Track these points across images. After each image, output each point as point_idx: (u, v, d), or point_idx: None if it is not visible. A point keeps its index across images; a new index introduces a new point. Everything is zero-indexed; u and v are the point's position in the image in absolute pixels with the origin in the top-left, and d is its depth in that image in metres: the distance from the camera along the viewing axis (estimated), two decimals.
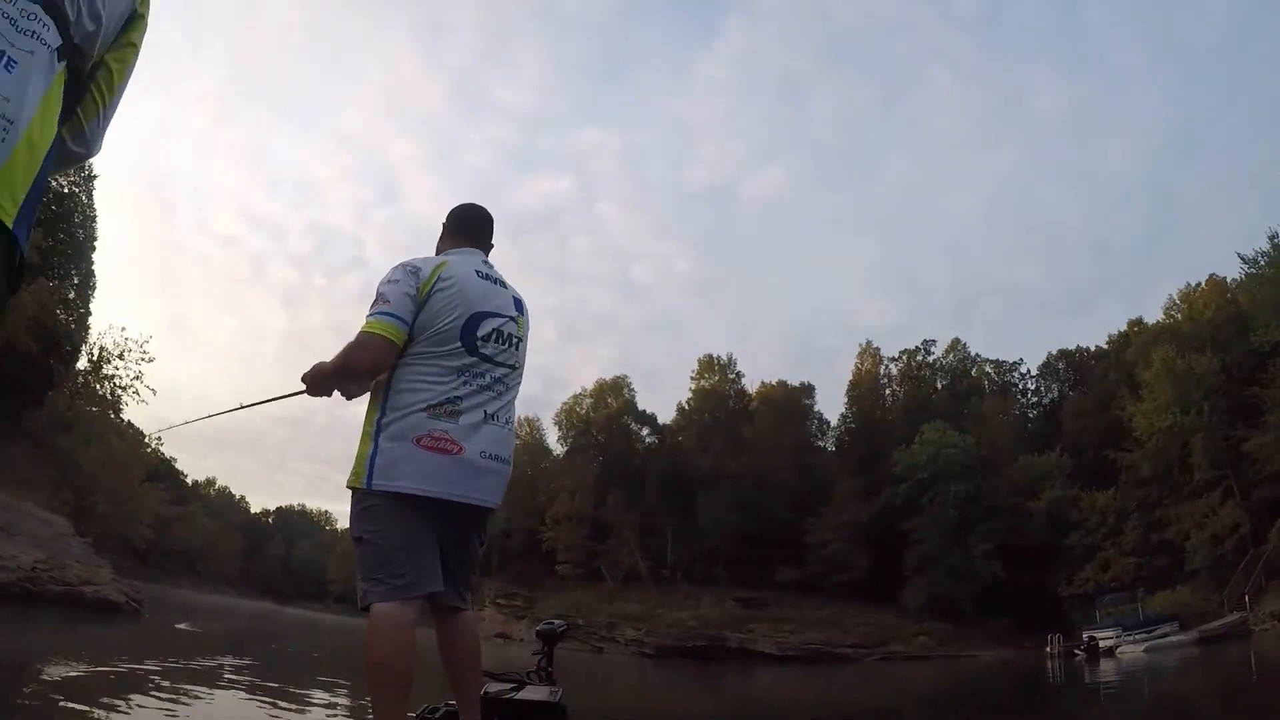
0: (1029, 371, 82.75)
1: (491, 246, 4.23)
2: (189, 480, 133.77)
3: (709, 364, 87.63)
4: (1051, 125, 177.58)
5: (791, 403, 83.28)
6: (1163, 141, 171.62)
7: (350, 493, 3.63)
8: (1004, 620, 58.67)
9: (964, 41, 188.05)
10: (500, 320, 3.85)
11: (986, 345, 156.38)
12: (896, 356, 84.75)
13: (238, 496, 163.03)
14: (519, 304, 4.03)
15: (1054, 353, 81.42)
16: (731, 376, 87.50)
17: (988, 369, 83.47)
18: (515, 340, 3.93)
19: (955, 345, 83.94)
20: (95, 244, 58.16)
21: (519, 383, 4.00)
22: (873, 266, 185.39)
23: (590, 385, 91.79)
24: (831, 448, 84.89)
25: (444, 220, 4.25)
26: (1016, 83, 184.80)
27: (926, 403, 76.18)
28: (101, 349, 76.45)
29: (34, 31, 1.82)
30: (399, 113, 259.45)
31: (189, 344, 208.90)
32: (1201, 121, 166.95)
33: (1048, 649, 49.17)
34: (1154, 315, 68.35)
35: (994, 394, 79.59)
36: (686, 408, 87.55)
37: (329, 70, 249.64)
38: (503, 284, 4.00)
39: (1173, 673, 29.12)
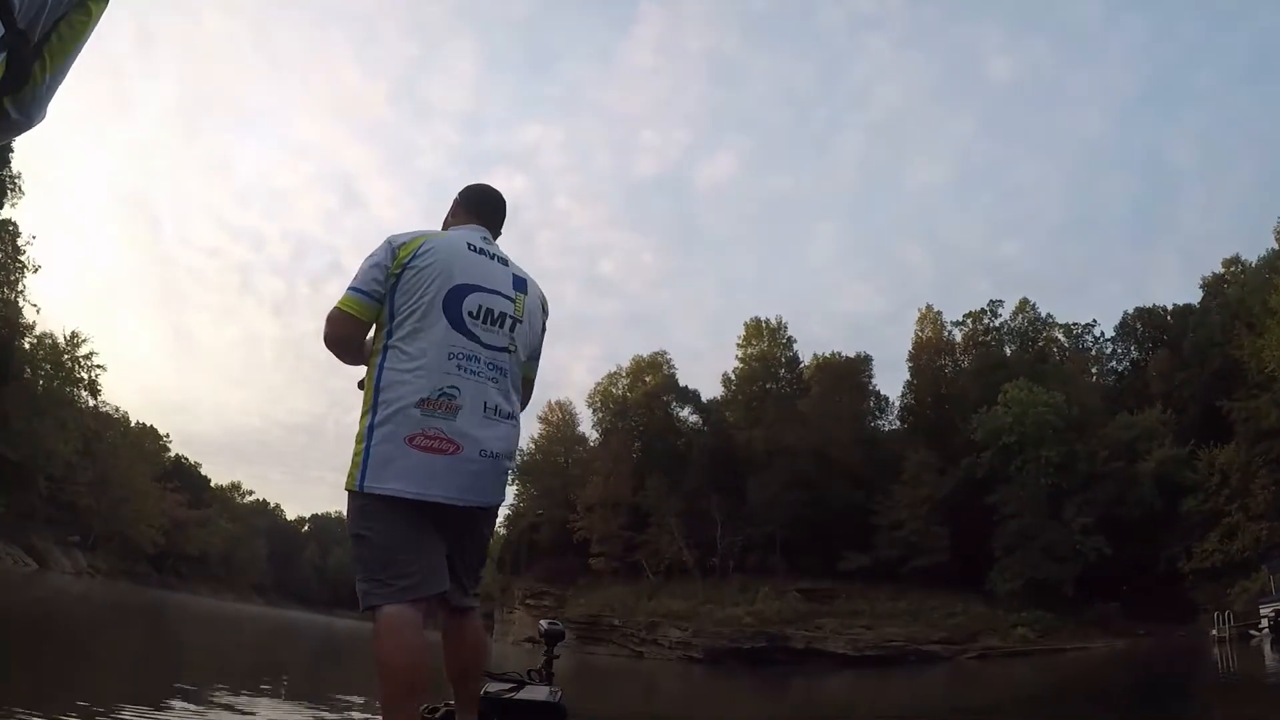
0: (1103, 334, 77.39)
1: (499, 232, 4.08)
2: (214, 484, 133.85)
3: (757, 328, 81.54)
4: (1010, 89, 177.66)
5: (849, 374, 77.41)
6: (1137, 99, 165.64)
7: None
8: (1112, 604, 51.96)
9: (895, 4, 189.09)
10: (490, 296, 3.61)
11: None
12: (960, 320, 78.32)
13: (272, 504, 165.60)
14: (520, 283, 3.78)
15: (1130, 312, 76.16)
16: (783, 341, 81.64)
17: (1058, 334, 77.89)
18: (509, 319, 3.64)
19: (1024, 306, 77.34)
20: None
21: (518, 368, 3.71)
22: (846, 250, 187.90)
23: (626, 364, 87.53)
24: (891, 425, 79.88)
25: (456, 196, 4.11)
26: (963, 46, 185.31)
27: (1001, 363, 69.24)
28: (74, 333, 73.19)
29: None
30: (347, 120, 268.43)
31: (195, 355, 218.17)
32: (1177, 75, 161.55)
33: (1213, 631, 41.44)
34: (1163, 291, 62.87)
35: (1067, 359, 74.14)
36: (733, 377, 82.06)
37: (278, 82, 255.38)
38: (502, 261, 3.78)
39: None
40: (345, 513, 3.54)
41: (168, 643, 21.98)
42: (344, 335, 3.56)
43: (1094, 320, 78.03)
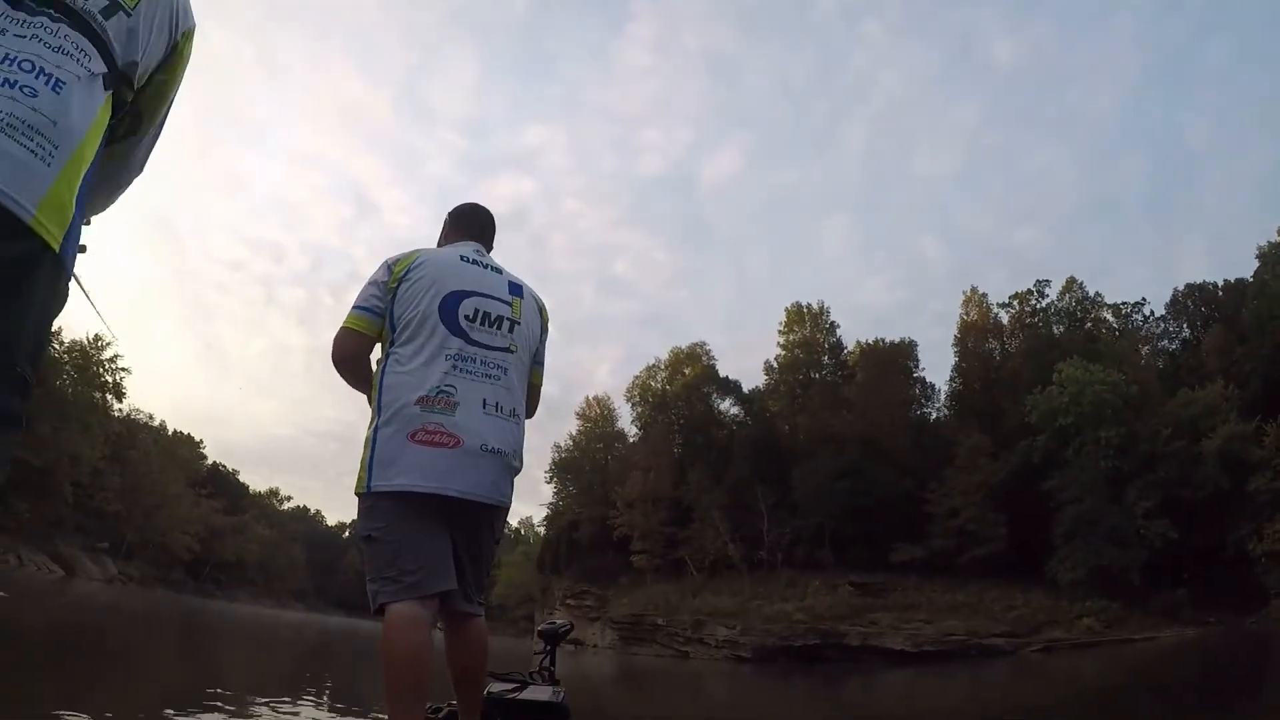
0: (1153, 313, 74.82)
1: (491, 246, 4.16)
2: (251, 489, 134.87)
3: (798, 314, 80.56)
4: (1014, 73, 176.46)
5: (894, 360, 75.94)
6: (1146, 79, 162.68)
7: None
8: (1180, 592, 49.38)
9: None
10: (486, 300, 3.74)
11: None
12: (1006, 302, 76.27)
13: (312, 510, 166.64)
14: (516, 288, 3.91)
15: (1181, 289, 73.87)
16: (825, 327, 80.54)
17: (1105, 313, 75.41)
18: (507, 322, 3.77)
19: (1071, 285, 75.13)
20: None
21: (520, 369, 3.80)
22: (860, 243, 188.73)
23: (665, 356, 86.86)
24: (939, 413, 77.89)
25: (445, 216, 4.27)
26: (960, 31, 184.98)
27: (1053, 343, 67.31)
28: (97, 335, 72.62)
29: (78, 58, 1.86)
30: (355, 130, 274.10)
31: (227, 367, 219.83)
32: (1187, 52, 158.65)
33: None
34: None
35: (1117, 338, 71.33)
36: (775, 365, 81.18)
37: (284, 95, 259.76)
38: (496, 269, 3.91)
39: None
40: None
41: (194, 652, 20.62)
42: (351, 352, 3.65)
43: (1144, 299, 75.71)
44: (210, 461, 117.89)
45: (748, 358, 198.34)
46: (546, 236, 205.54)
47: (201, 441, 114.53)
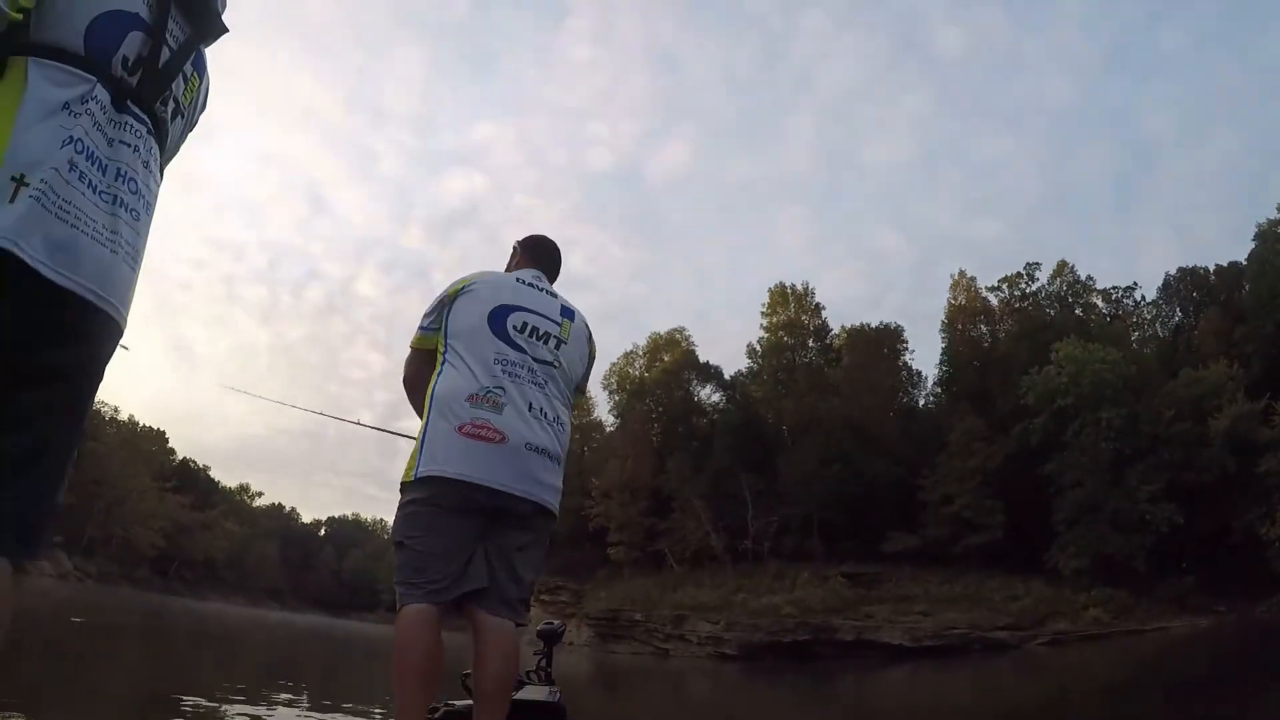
0: (1144, 298, 73.85)
1: (555, 276, 4.34)
2: (221, 485, 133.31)
3: (782, 295, 78.52)
4: (964, 61, 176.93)
5: (881, 344, 74.41)
6: (1101, 66, 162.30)
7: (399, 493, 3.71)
8: (1188, 579, 47.81)
9: None
10: (534, 316, 3.91)
11: None
12: (996, 286, 74.80)
13: (287, 508, 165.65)
14: (568, 312, 4.09)
15: (1173, 273, 72.33)
16: (811, 308, 78.85)
17: (1095, 299, 74.38)
18: (553, 339, 3.94)
19: (1062, 269, 73.74)
20: None
21: (563, 383, 3.95)
22: (816, 236, 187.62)
23: (643, 342, 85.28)
24: (926, 400, 76.97)
25: (515, 244, 4.43)
26: (905, 19, 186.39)
27: (1047, 324, 65.70)
28: None
29: (153, 169, 1.98)
30: (309, 130, 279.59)
31: (195, 364, 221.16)
32: (1142, 38, 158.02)
33: None
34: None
35: (1109, 322, 70.84)
36: (758, 348, 79.41)
37: (239, 95, 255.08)
38: (551, 294, 4.10)
39: None
40: (356, 514, 5.67)
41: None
42: (415, 369, 3.90)
43: (1135, 283, 74.73)
44: (180, 457, 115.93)
45: (709, 352, 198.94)
46: (499, 232, 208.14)
47: (165, 434, 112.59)
